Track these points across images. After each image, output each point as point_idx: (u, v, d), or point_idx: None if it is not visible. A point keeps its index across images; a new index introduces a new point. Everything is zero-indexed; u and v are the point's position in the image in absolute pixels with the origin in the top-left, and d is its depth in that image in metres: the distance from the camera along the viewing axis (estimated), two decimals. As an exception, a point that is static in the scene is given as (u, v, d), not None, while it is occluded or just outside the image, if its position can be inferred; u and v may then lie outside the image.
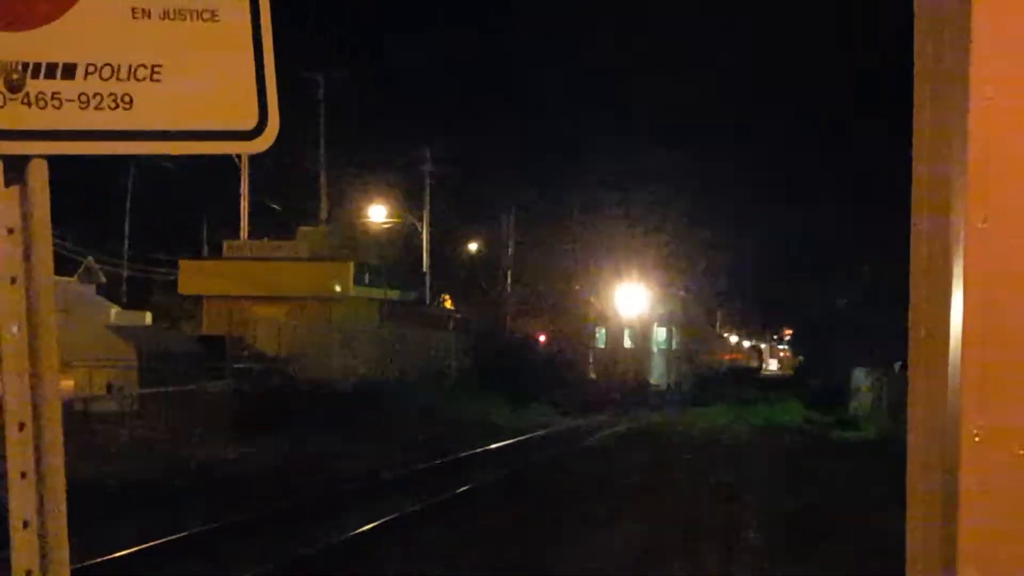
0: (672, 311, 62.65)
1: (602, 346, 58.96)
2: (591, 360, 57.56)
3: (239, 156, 40.58)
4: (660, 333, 61.36)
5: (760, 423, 35.14)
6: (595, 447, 28.53)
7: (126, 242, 55.33)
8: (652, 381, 56.97)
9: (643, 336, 59.40)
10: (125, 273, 52.96)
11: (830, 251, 59.70)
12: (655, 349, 60.41)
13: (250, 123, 2.78)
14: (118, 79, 2.69)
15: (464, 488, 19.83)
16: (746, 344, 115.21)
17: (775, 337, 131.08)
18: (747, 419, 36.70)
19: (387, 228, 55.41)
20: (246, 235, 46.00)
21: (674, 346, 62.53)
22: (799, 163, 73.15)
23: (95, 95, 2.67)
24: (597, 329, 59.27)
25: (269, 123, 2.80)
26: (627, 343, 58.86)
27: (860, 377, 40.16)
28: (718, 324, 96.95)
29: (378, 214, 55.89)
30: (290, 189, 50.91)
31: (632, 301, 58.05)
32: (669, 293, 62.17)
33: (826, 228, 60.47)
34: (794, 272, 66.48)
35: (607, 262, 59.86)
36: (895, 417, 28.66)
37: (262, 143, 2.80)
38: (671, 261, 61.70)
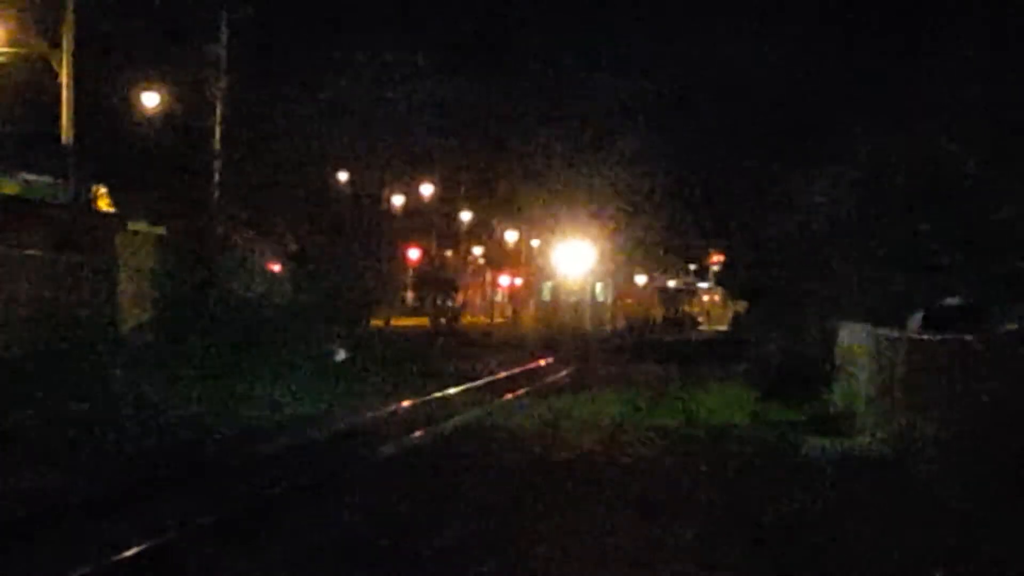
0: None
1: (547, 298, 69.02)
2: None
3: None
4: (598, 287, 69.89)
5: (675, 423, 25.42)
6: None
7: None
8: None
9: (584, 288, 67.57)
10: None
11: (799, 108, 38.36)
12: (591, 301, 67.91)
13: None
14: None
15: None
16: (639, 280, 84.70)
17: (692, 270, 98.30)
18: (654, 415, 27.10)
19: (-1, 65, 37.70)
20: None
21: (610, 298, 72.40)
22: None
23: None
24: (545, 284, 70.29)
25: None
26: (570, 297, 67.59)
27: (851, 337, 28.54)
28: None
29: (-22, 38, 37.20)
30: None
31: (576, 257, 65.35)
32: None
33: (791, 68, 38.76)
34: (738, 151, 43.92)
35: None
36: (916, 411, 19.59)
37: None
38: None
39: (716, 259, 78.92)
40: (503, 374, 36.86)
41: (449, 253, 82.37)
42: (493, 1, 72.96)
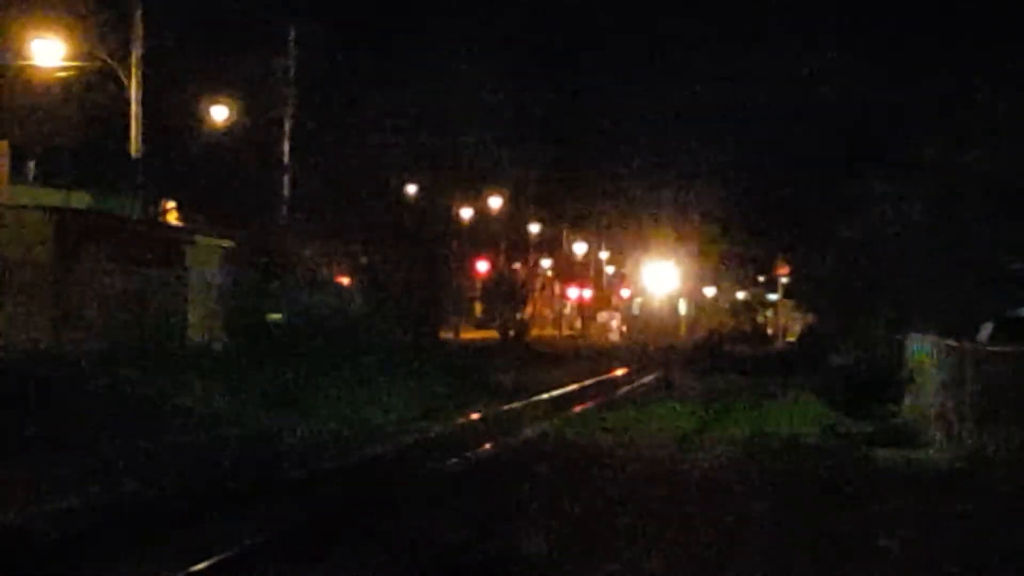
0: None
1: (637, 313, 79.75)
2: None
3: None
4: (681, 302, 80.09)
5: (748, 434, 25.07)
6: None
7: None
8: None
9: (669, 304, 76.79)
10: None
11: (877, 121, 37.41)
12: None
13: None
14: None
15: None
16: (708, 292, 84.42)
17: (760, 281, 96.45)
18: (727, 425, 27.34)
19: (65, 79, 37.19)
20: None
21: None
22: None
23: None
24: (635, 300, 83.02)
25: None
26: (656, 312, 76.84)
27: (921, 348, 27.83)
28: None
29: (49, 53, 36.62)
30: None
31: (662, 277, 71.89)
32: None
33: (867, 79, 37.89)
34: (807, 163, 42.74)
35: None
36: (986, 423, 19.23)
37: None
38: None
39: (784, 271, 77.46)
40: (589, 381, 38.53)
41: (517, 265, 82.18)
42: (566, 14, 73.17)
